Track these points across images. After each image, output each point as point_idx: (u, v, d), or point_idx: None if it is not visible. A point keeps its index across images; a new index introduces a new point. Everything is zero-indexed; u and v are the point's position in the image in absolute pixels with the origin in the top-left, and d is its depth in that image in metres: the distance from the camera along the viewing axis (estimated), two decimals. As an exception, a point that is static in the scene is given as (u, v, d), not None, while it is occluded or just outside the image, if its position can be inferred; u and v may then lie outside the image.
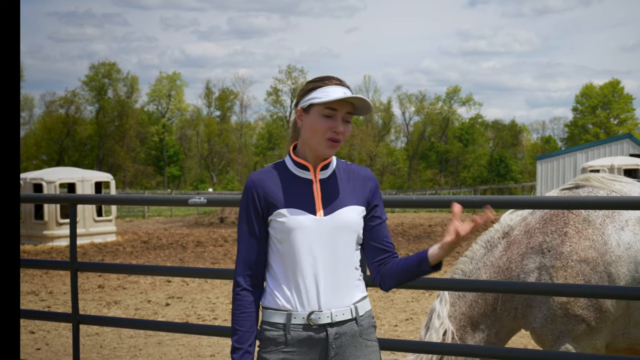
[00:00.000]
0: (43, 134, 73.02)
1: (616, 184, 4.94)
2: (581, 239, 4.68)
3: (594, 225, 4.71)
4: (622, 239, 4.64)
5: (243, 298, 3.12)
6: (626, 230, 4.66)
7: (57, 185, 24.07)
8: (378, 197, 3.23)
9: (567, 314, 4.61)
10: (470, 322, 4.95)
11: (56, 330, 10.43)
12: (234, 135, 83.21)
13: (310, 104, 3.08)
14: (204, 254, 20.00)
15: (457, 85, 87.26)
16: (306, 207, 3.06)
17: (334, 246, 3.07)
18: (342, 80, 3.15)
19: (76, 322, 5.42)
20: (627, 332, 4.64)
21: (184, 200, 5.08)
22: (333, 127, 3.05)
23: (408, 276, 3.15)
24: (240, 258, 3.15)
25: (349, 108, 3.09)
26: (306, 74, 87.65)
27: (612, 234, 4.66)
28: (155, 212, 44.00)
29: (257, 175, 3.15)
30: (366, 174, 3.23)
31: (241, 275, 3.14)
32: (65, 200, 5.46)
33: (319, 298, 3.04)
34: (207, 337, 9.52)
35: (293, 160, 3.16)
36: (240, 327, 3.10)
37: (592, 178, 5.00)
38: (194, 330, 6.20)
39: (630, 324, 4.62)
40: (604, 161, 28.36)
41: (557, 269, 4.67)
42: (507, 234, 4.99)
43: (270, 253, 3.14)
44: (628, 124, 77.24)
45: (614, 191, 4.86)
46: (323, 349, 3.06)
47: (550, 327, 4.67)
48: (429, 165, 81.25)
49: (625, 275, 4.56)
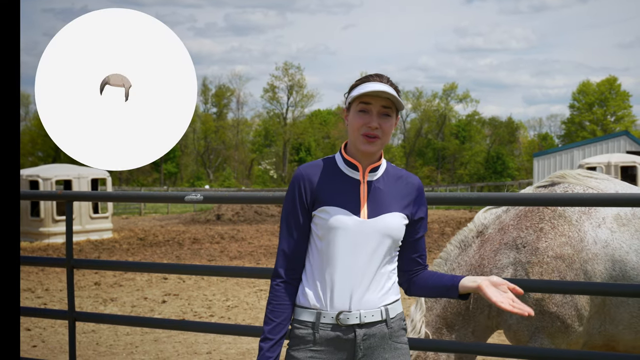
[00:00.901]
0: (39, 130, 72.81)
1: (592, 180, 4.93)
2: (557, 235, 4.68)
3: (570, 221, 4.71)
4: (599, 237, 4.64)
5: (281, 290, 3.11)
6: (603, 228, 4.65)
7: (53, 182, 24.02)
8: (424, 210, 3.22)
9: (542, 311, 4.61)
10: (445, 324, 4.94)
11: (52, 327, 10.41)
12: (231, 132, 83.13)
13: (349, 103, 3.11)
14: (201, 251, 19.99)
15: (454, 82, 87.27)
16: (351, 208, 3.05)
17: (372, 250, 3.05)
18: (384, 76, 3.12)
19: (72, 319, 5.41)
20: (603, 329, 4.65)
21: (180, 197, 5.07)
22: (367, 122, 3.04)
23: (435, 294, 3.21)
24: (282, 250, 3.14)
25: (385, 102, 3.05)
26: (303, 70, 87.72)
27: (588, 231, 4.66)
28: (152, 209, 43.96)
29: (305, 168, 3.15)
30: (415, 183, 3.20)
31: (282, 267, 3.13)
32: (61, 197, 5.44)
33: (350, 299, 3.04)
34: (203, 334, 9.51)
35: (343, 158, 3.15)
36: (275, 318, 3.09)
37: (568, 175, 5.00)
38: (190, 327, 6.18)
39: (607, 321, 4.62)
40: (600, 158, 28.38)
41: (533, 264, 4.67)
42: (481, 232, 4.99)
43: (308, 249, 3.14)
44: (625, 121, 77.27)
45: (590, 187, 4.85)
46: (351, 350, 3.06)
47: (526, 324, 4.67)
48: (425, 162, 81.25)
49: (601, 273, 4.56)
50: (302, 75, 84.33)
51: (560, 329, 4.59)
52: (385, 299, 3.10)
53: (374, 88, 3.01)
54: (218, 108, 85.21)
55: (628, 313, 4.56)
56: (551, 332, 4.61)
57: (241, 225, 29.29)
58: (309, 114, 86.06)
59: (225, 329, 6.03)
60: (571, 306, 4.58)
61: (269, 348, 3.06)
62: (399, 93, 3.10)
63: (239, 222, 31.01)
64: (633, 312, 4.55)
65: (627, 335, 4.61)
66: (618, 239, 4.63)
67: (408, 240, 3.20)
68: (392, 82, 3.11)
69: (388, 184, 3.14)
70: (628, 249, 4.60)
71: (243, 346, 9.04)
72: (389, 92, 3.01)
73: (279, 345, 3.08)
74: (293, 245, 3.12)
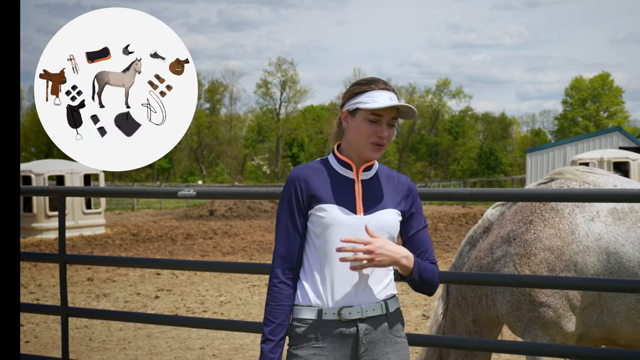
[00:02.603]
0: (32, 126, 72.55)
1: (589, 175, 4.99)
2: (546, 227, 4.73)
3: (562, 214, 4.76)
4: (592, 230, 4.67)
5: (280, 291, 3.13)
6: (597, 222, 4.69)
7: (45, 178, 23.96)
8: (416, 206, 3.26)
9: (533, 301, 4.66)
10: (451, 316, 5.10)
11: (45, 323, 10.40)
12: (224, 128, 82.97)
13: (356, 108, 3.12)
14: (194, 247, 19.97)
15: (447, 78, 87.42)
16: (347, 205, 3.10)
17: None
18: (388, 83, 3.17)
19: (65, 314, 5.40)
20: (600, 321, 4.67)
21: (173, 192, 5.07)
22: (378, 132, 3.09)
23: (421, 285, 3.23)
24: (279, 250, 3.17)
25: (394, 113, 3.12)
26: (296, 66, 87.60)
27: (580, 223, 4.70)
28: (145, 205, 43.90)
29: (300, 170, 3.18)
30: (406, 182, 3.26)
31: (279, 267, 3.15)
32: (54, 193, 5.44)
33: (351, 294, 3.07)
34: (196, 329, 9.50)
35: (337, 158, 3.20)
36: (275, 319, 3.11)
37: (566, 171, 5.07)
38: (183, 322, 6.19)
39: (604, 313, 4.64)
40: (593, 154, 28.43)
41: (521, 256, 4.74)
42: (487, 228, 5.11)
43: (305, 248, 3.16)
44: (618, 117, 77.43)
45: (587, 182, 4.91)
46: (354, 345, 3.08)
47: (517, 314, 4.72)
48: (418, 157, 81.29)
49: (594, 265, 4.59)
50: (296, 70, 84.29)
51: (552, 319, 4.62)
52: (385, 294, 3.15)
53: (391, 103, 3.07)
54: (211, 103, 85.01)
55: (625, 305, 4.57)
56: (544, 323, 4.64)
57: (234, 221, 29.27)
58: (302, 109, 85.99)
59: (218, 324, 6.04)
60: (562, 296, 4.61)
61: (271, 349, 3.08)
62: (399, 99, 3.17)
63: (232, 217, 30.99)
64: (630, 304, 4.56)
65: (625, 328, 4.62)
66: (613, 232, 4.65)
67: (405, 237, 3.25)
68: (393, 88, 3.17)
69: (381, 182, 3.21)
70: (624, 242, 4.62)
71: (236, 341, 9.04)
72: (413, 108, 3.10)
73: (280, 346, 3.11)
74: (290, 245, 3.15)
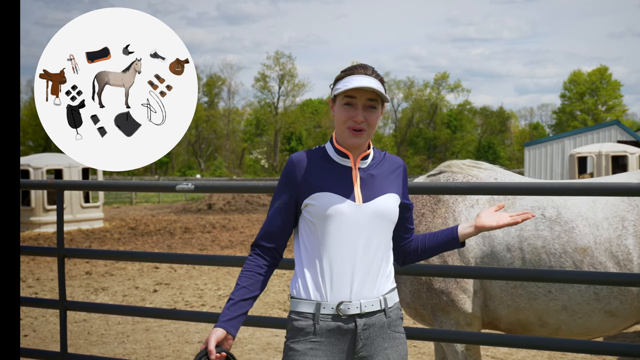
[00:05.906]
0: (29, 120, 72.48)
1: (474, 169, 5.16)
2: (435, 218, 4.91)
3: (447, 204, 4.94)
4: (471, 215, 4.84)
5: (254, 260, 3.17)
6: (475, 208, 4.87)
7: (44, 172, 23.93)
8: (405, 182, 3.29)
9: (430, 288, 4.81)
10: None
11: (43, 316, 10.41)
12: (222, 122, 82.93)
13: (334, 96, 3.13)
14: (192, 241, 19.98)
15: (446, 71, 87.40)
16: (344, 193, 3.08)
17: (370, 234, 3.08)
18: (369, 67, 3.15)
19: (63, 308, 5.41)
20: (485, 305, 4.80)
21: (171, 186, 5.06)
22: (353, 116, 3.07)
23: (436, 252, 3.36)
24: (265, 225, 3.19)
25: (370, 95, 3.09)
26: (294, 60, 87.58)
27: (462, 211, 4.88)
28: (143, 199, 43.89)
29: (298, 156, 3.19)
30: (397, 161, 3.28)
31: (262, 239, 3.19)
32: (52, 187, 5.43)
33: (351, 287, 3.06)
34: (195, 323, 9.51)
35: (334, 147, 3.18)
36: (242, 282, 3.13)
37: (453, 165, 5.24)
38: (181, 316, 6.19)
39: (487, 297, 4.78)
40: (591, 148, 28.42)
41: None
42: None
43: (303, 239, 3.15)
44: (616, 110, 77.44)
45: (471, 175, 5.09)
46: (351, 340, 3.07)
47: (420, 302, 4.88)
48: (417, 151, 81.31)
49: (473, 249, 4.76)
50: (294, 64, 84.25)
51: (448, 303, 4.76)
52: (384, 287, 3.13)
53: (358, 84, 3.03)
54: (209, 97, 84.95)
55: (498, 287, 4.73)
56: (443, 308, 4.78)
57: (232, 215, 29.28)
58: (300, 103, 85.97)
59: (216, 318, 6.03)
60: (451, 280, 4.75)
61: (229, 306, 3.09)
62: (384, 84, 3.14)
63: (230, 211, 31.00)
64: (502, 286, 4.71)
65: (501, 311, 4.76)
66: None
67: (401, 218, 3.28)
68: (377, 73, 3.14)
69: (378, 168, 3.20)
70: None
71: (234, 335, 9.05)
72: (373, 87, 3.04)
73: (241, 308, 3.09)
74: (277, 222, 3.16)
